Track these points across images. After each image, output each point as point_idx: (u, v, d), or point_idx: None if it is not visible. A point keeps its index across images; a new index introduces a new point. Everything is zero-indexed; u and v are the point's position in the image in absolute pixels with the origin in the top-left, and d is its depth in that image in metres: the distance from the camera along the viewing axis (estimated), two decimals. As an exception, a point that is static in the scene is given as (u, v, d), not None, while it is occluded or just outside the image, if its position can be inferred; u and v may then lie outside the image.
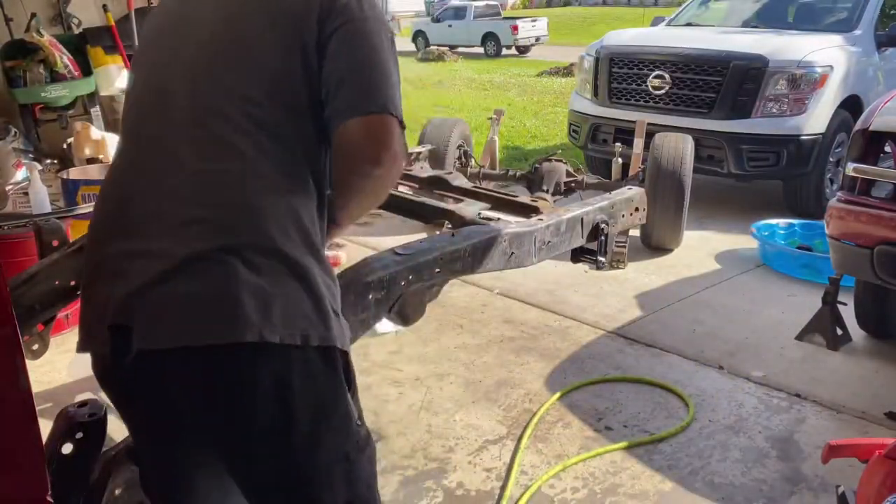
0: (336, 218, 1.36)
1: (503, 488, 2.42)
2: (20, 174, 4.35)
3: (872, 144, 3.07)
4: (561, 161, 4.75)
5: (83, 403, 1.40)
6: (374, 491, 1.30)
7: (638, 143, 4.82)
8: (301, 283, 1.16)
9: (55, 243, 2.62)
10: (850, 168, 3.09)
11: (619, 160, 4.95)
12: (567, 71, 15.38)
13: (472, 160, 5.24)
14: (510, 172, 4.97)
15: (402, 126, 1.29)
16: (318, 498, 1.22)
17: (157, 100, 1.29)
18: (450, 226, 3.49)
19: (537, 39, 23.67)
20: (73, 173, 4.06)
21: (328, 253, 4.27)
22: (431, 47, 22.91)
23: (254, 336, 1.10)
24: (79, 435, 1.36)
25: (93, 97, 4.72)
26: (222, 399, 1.16)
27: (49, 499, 0.94)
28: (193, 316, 1.11)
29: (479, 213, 3.70)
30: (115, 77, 4.66)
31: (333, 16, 1.24)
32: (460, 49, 23.67)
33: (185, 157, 1.21)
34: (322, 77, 1.25)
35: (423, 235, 2.98)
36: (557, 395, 3.01)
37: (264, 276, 1.13)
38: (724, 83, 5.29)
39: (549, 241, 3.15)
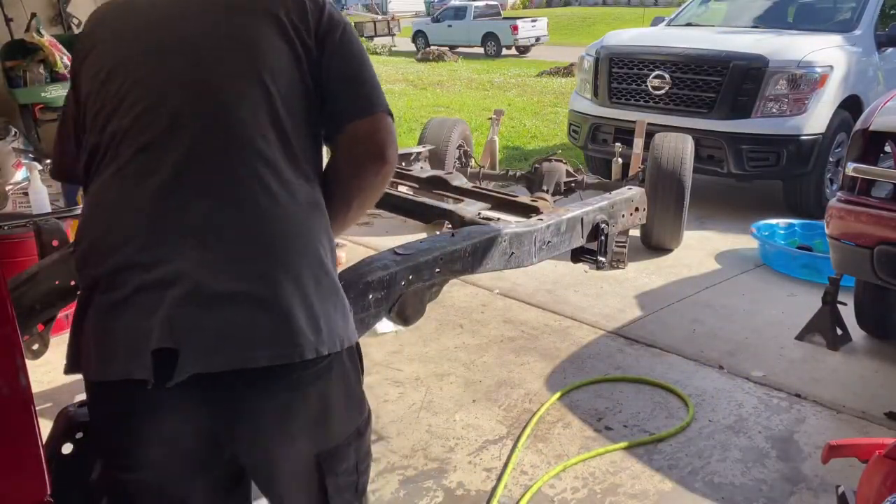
0: (335, 223, 1.36)
1: (496, 486, 2.43)
2: (20, 174, 4.35)
3: (872, 144, 3.07)
4: (561, 161, 4.75)
5: (83, 403, 1.40)
6: (370, 454, 1.40)
7: (638, 143, 4.82)
8: (333, 294, 1.25)
9: (55, 243, 2.62)
10: (850, 168, 3.09)
11: (619, 160, 4.95)
12: (567, 71, 15.38)
13: (472, 160, 5.24)
14: (510, 172, 4.97)
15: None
16: (335, 472, 1.29)
17: (163, 116, 1.23)
18: (450, 226, 3.49)
19: (537, 39, 23.66)
20: (73, 173, 4.06)
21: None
22: (431, 47, 22.91)
23: (311, 353, 1.16)
24: (79, 435, 1.36)
25: (93, 97, 4.72)
26: (271, 414, 1.20)
27: (49, 499, 0.94)
28: (252, 339, 1.13)
29: (479, 213, 3.70)
30: (115, 77, 4.65)
31: (324, 24, 1.31)
32: (460, 49, 23.66)
33: (211, 176, 1.20)
34: (321, 83, 1.31)
35: (423, 235, 2.98)
36: (557, 394, 3.01)
37: (311, 294, 1.19)
38: (724, 83, 5.29)
39: (549, 241, 3.16)
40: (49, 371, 3.19)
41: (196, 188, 1.19)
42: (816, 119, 5.21)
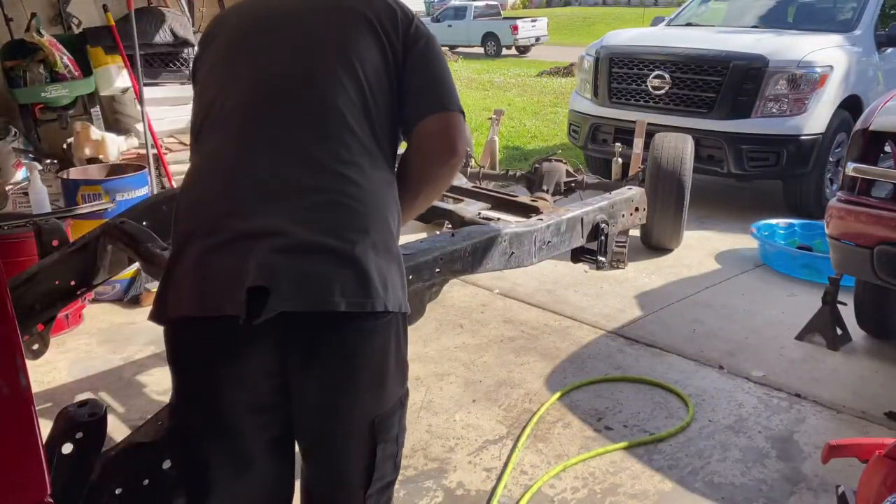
0: (404, 209, 1.53)
1: (496, 486, 2.43)
2: (20, 174, 4.35)
3: (872, 144, 3.07)
4: (561, 161, 4.75)
5: (83, 403, 1.40)
6: (405, 432, 1.54)
7: (638, 143, 4.82)
8: (397, 263, 1.41)
9: (55, 243, 2.63)
10: (850, 168, 3.09)
11: (619, 160, 4.95)
12: (567, 71, 15.39)
13: (472, 160, 5.24)
14: (510, 172, 4.97)
15: None
16: (385, 438, 1.42)
17: (268, 91, 1.43)
18: (450, 226, 3.49)
19: (537, 39, 23.67)
20: (73, 173, 4.07)
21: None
22: (431, 47, 22.89)
23: (380, 306, 1.32)
24: (79, 435, 1.36)
25: (93, 97, 4.71)
26: (342, 355, 1.33)
27: (49, 499, 0.94)
28: (334, 287, 1.28)
29: (479, 213, 3.70)
30: (115, 77, 4.65)
31: (412, 35, 1.52)
32: (460, 49, 23.67)
33: (306, 145, 1.38)
34: (404, 84, 1.50)
35: (423, 235, 2.98)
36: (557, 394, 3.01)
37: (381, 257, 1.35)
38: (724, 83, 5.30)
39: (549, 241, 3.16)
40: (49, 371, 3.19)
41: (291, 156, 1.37)
42: (816, 119, 5.21)
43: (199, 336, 1.33)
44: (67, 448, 1.35)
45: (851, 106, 5.35)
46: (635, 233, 4.60)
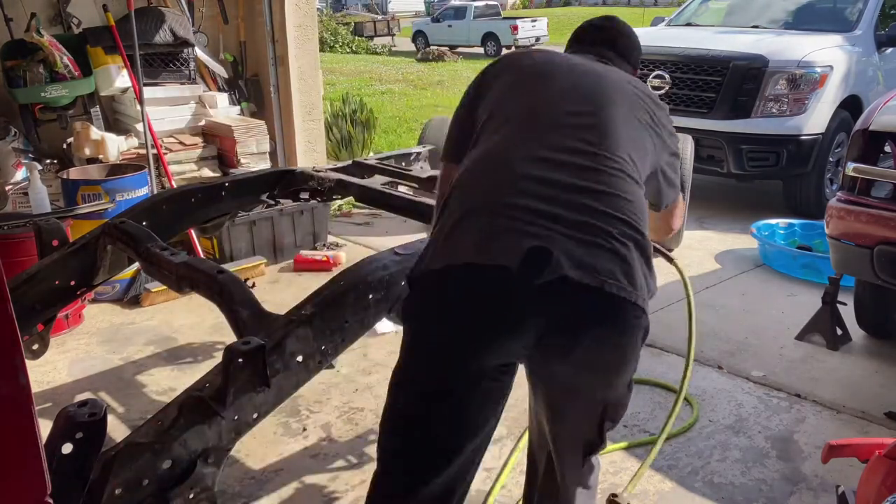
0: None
1: (493, 485, 2.43)
2: (20, 174, 4.35)
3: (872, 144, 3.07)
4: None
5: (83, 403, 1.40)
6: None
7: (638, 143, 4.81)
8: (654, 278, 1.61)
9: (55, 243, 2.62)
10: (850, 168, 3.09)
11: (619, 160, 4.94)
12: (567, 71, 15.37)
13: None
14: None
15: None
16: (613, 418, 1.61)
17: (553, 120, 1.64)
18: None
19: (537, 39, 23.66)
20: (73, 173, 4.06)
21: (328, 253, 4.30)
22: (431, 47, 22.91)
23: (641, 301, 1.49)
24: (79, 435, 1.36)
25: (93, 97, 4.70)
26: (599, 336, 1.48)
27: (49, 499, 0.94)
28: (606, 271, 1.44)
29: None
30: (115, 77, 4.64)
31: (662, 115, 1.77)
32: (460, 49, 23.66)
33: (574, 160, 1.56)
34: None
35: (423, 235, 2.97)
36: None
37: (645, 265, 1.55)
38: (724, 83, 5.30)
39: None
40: (49, 371, 3.19)
41: (567, 169, 1.55)
42: (816, 119, 5.21)
43: (473, 280, 1.47)
44: (67, 448, 1.35)
45: (851, 106, 5.35)
46: (635, 233, 4.59)
